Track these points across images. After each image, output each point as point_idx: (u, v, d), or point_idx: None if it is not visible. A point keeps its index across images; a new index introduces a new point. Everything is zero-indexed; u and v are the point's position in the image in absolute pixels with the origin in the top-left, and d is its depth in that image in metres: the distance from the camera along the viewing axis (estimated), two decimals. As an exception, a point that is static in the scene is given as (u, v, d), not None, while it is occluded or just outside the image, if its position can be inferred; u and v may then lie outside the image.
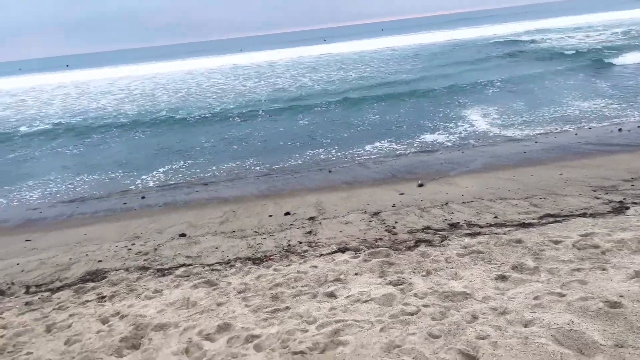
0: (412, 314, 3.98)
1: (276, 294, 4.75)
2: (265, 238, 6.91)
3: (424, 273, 4.86)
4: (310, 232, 6.93)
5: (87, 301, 5.22)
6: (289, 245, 6.43)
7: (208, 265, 6.00)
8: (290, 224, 7.53)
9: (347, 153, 13.26)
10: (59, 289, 5.79)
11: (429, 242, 5.82)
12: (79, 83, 44.47)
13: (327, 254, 5.85)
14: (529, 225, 6.00)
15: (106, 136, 19.68)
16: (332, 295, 4.62)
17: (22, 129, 22.70)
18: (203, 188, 11.38)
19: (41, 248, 7.95)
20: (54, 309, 5.09)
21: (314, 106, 21.16)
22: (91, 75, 53.39)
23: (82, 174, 13.92)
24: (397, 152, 12.84)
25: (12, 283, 6.19)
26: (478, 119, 15.64)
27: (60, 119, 24.69)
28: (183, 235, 7.59)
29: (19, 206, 11.60)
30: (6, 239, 8.93)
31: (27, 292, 5.81)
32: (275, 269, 5.49)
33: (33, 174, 14.54)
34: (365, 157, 12.62)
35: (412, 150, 12.88)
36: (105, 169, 14.26)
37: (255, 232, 7.34)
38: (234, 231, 7.53)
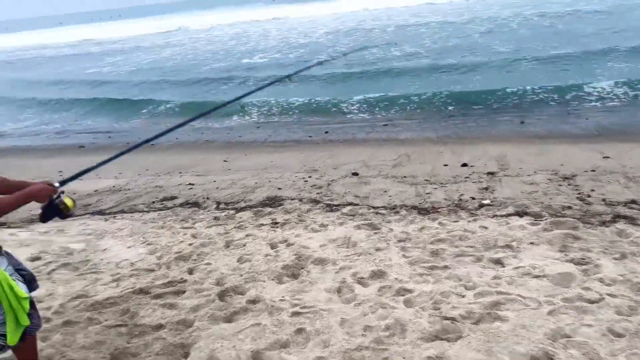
0: (592, 302, 3.42)
1: (437, 249, 4.53)
2: (435, 188, 6.61)
3: (617, 255, 4.10)
4: (486, 189, 6.39)
5: (262, 225, 5.70)
6: (460, 199, 6.03)
7: (374, 207, 6.01)
8: (466, 177, 7.05)
9: (549, 101, 11.74)
10: (242, 209, 6.45)
11: (631, 220, 4.87)
12: (285, 19, 47.42)
13: (502, 215, 5.34)
14: None
15: (313, 71, 19.60)
16: (498, 262, 4.21)
17: (244, 61, 24.62)
18: (383, 128, 11.35)
19: (234, 169, 8.92)
20: (234, 227, 5.70)
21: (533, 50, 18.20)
22: (292, 10, 55.97)
23: (281, 107, 14.86)
24: (614, 102, 10.89)
25: (207, 198, 7.11)
26: None
27: (278, 52, 26.07)
28: (355, 174, 7.71)
29: (223, 128, 13.21)
30: (210, 157, 10.26)
31: (217, 208, 6.61)
32: (440, 223, 5.22)
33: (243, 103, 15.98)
34: (569, 108, 11.02)
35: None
36: (300, 100, 14.99)
37: (427, 180, 7.07)
38: (404, 176, 7.37)
